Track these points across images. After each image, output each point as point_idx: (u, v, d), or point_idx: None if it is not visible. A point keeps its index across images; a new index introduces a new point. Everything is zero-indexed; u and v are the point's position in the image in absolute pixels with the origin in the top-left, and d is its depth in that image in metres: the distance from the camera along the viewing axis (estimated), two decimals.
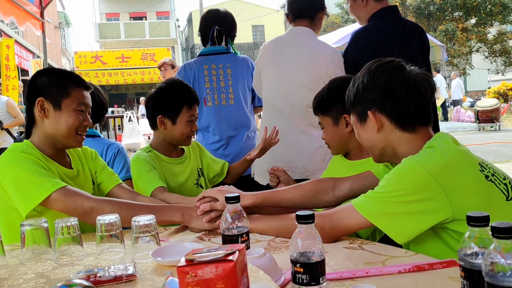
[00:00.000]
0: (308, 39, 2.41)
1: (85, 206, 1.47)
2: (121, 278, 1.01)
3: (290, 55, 2.39)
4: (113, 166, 2.40)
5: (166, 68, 4.86)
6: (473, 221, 0.85)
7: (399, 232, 1.20)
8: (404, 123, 1.31)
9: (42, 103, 1.59)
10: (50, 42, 14.62)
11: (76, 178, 1.71)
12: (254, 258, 1.02)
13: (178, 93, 2.02)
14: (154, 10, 30.88)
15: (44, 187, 1.47)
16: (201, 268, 0.73)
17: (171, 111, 2.00)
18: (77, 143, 1.68)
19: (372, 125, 1.34)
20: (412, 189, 1.18)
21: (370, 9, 2.39)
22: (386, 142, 1.35)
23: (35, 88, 1.62)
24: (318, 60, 2.34)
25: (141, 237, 1.16)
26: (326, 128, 1.78)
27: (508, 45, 21.90)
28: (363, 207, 1.24)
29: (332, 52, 2.39)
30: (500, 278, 0.73)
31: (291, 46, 2.41)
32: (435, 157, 1.21)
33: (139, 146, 3.87)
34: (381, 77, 1.32)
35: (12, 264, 1.17)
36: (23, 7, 4.60)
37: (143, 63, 20.03)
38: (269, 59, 2.47)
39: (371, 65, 1.36)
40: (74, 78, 1.67)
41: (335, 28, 19.44)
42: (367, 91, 1.34)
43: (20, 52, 12.79)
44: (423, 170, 1.17)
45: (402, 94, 1.29)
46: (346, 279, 1.05)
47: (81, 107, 1.64)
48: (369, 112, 1.33)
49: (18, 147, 1.57)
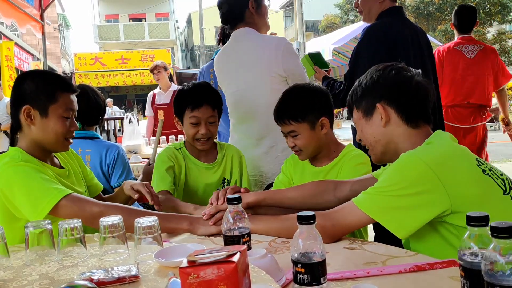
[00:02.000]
0: (246, 38, 2.30)
1: (94, 211, 1.45)
2: (124, 279, 1.02)
3: (235, 60, 2.32)
4: (113, 170, 2.41)
5: (159, 70, 4.88)
6: (473, 221, 0.86)
7: (400, 226, 1.21)
8: (410, 118, 1.35)
9: (28, 111, 1.56)
10: (50, 44, 14.61)
11: (69, 177, 1.71)
12: (255, 259, 1.03)
13: (181, 96, 2.01)
14: (154, 11, 30.88)
15: (52, 194, 1.46)
16: (203, 269, 0.74)
17: (177, 112, 2.01)
18: (64, 148, 1.66)
19: (379, 120, 1.37)
20: (411, 182, 1.20)
21: (384, 6, 2.39)
22: (390, 137, 1.37)
23: (21, 93, 1.58)
24: (261, 55, 2.23)
25: (144, 239, 1.17)
26: (302, 134, 1.77)
27: (508, 45, 21.87)
28: (364, 203, 1.26)
29: (276, 42, 2.23)
30: (499, 277, 0.74)
31: (234, 51, 2.33)
32: (432, 150, 1.25)
33: (139, 148, 3.87)
34: (392, 73, 1.37)
35: (16, 265, 1.18)
36: (23, 10, 4.61)
37: (143, 64, 20.00)
38: (221, 70, 2.44)
39: (378, 66, 1.41)
40: (61, 82, 1.63)
41: (335, 28, 19.44)
42: (377, 85, 1.38)
43: (20, 54, 12.79)
44: (420, 162, 1.20)
45: (411, 89, 1.35)
46: (347, 279, 1.06)
47: (68, 112, 1.61)
48: (378, 104, 1.36)
49: (14, 156, 1.53)
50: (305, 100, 1.78)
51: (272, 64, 2.21)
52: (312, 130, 1.77)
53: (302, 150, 1.81)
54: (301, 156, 1.84)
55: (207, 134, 1.97)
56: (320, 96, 1.81)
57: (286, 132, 1.82)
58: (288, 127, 1.78)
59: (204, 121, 1.96)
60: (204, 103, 1.94)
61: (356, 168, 1.74)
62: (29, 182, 1.47)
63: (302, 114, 1.76)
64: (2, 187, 1.49)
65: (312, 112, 1.77)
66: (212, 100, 1.97)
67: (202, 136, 1.97)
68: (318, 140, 1.80)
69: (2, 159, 1.53)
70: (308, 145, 1.79)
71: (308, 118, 1.76)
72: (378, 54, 2.23)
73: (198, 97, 1.96)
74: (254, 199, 1.55)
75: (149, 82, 19.71)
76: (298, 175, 1.91)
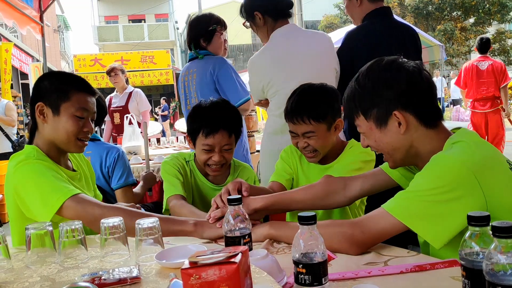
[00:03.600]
0: (298, 33, 2.35)
1: (95, 213, 1.44)
2: (125, 280, 1.02)
3: (292, 56, 2.28)
4: (114, 172, 2.41)
5: (116, 73, 4.91)
6: (474, 221, 0.86)
7: (437, 234, 1.13)
8: (429, 119, 1.25)
9: (41, 108, 1.58)
10: (50, 46, 14.62)
11: (80, 180, 1.71)
12: (257, 260, 1.03)
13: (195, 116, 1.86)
14: (153, 12, 30.89)
15: (61, 192, 1.46)
16: (204, 270, 0.74)
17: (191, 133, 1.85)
18: (78, 149, 1.64)
19: (395, 127, 1.25)
20: (451, 185, 1.11)
21: (364, 9, 2.40)
22: (409, 143, 1.26)
23: (37, 92, 1.61)
24: (323, 48, 2.30)
25: (145, 240, 1.17)
26: (320, 135, 1.72)
27: (507, 44, 21.88)
28: (397, 210, 1.16)
29: (326, 36, 2.38)
30: (501, 277, 0.74)
31: (287, 47, 2.29)
32: (471, 152, 1.14)
33: (139, 149, 3.87)
34: (401, 73, 1.23)
35: (17, 267, 1.18)
36: (22, 11, 4.61)
37: (142, 65, 19.99)
38: (273, 68, 2.31)
39: (378, 63, 1.29)
40: (77, 82, 1.63)
41: (334, 28, 19.44)
42: (389, 91, 1.24)
43: (20, 56, 12.80)
44: (462, 165, 1.11)
45: (424, 87, 1.24)
46: (348, 279, 1.06)
47: (82, 112, 1.59)
48: (395, 112, 1.23)
49: (29, 154, 1.55)
50: (327, 100, 1.73)
51: (331, 59, 2.29)
52: (328, 131, 1.73)
53: (319, 151, 1.75)
54: (314, 158, 1.78)
55: (220, 162, 1.80)
56: (337, 96, 1.77)
57: (301, 133, 1.73)
58: (306, 126, 1.70)
59: (218, 148, 1.78)
60: (219, 129, 1.75)
61: (358, 156, 1.73)
62: (42, 179, 1.48)
63: (323, 114, 1.70)
64: (17, 184, 1.50)
65: (332, 112, 1.73)
66: (229, 125, 1.79)
67: (215, 163, 1.80)
68: (331, 141, 1.77)
69: (18, 157, 1.55)
70: (323, 147, 1.75)
71: (327, 118, 1.72)
72: (358, 57, 2.22)
73: (214, 121, 1.76)
74: (263, 204, 1.46)
75: (149, 83, 19.72)
76: (304, 171, 1.88)
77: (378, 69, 1.27)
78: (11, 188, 1.52)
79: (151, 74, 19.72)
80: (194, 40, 2.86)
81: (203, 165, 1.85)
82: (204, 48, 2.86)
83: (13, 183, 1.51)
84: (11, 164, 1.54)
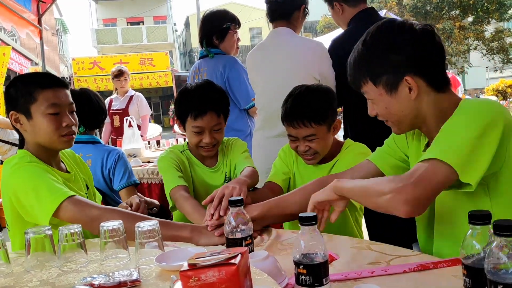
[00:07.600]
0: (286, 38, 2.38)
1: (92, 215, 1.43)
2: (125, 283, 1.01)
3: (273, 58, 2.37)
4: (114, 173, 2.40)
5: (126, 78, 4.94)
6: (475, 219, 0.86)
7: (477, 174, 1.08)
8: (440, 83, 1.21)
9: (15, 116, 1.55)
10: (48, 49, 14.63)
11: (74, 181, 1.70)
12: (257, 261, 1.02)
13: None
14: (151, 14, 30.91)
15: (57, 193, 1.45)
16: (204, 272, 0.74)
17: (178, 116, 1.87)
18: (64, 145, 1.60)
19: (406, 92, 1.20)
20: (488, 123, 1.09)
21: (347, 15, 2.43)
22: (419, 109, 1.22)
23: (7, 101, 1.57)
24: (301, 56, 2.32)
25: (144, 243, 1.16)
26: (321, 138, 1.69)
27: (506, 43, 21.93)
28: (447, 155, 1.08)
29: (315, 45, 2.38)
30: (502, 275, 0.74)
31: (272, 49, 2.40)
32: (496, 102, 1.16)
33: (139, 151, 3.86)
34: (407, 35, 1.19)
35: (17, 272, 1.17)
36: (20, 15, 4.61)
37: (141, 68, 20.01)
38: (255, 67, 2.48)
39: (387, 26, 1.23)
40: (39, 80, 1.56)
41: (333, 29, 19.42)
42: (398, 54, 1.19)
43: (19, 59, 12.80)
44: (494, 105, 1.12)
45: (437, 51, 1.21)
46: (350, 280, 1.05)
47: (53, 108, 1.53)
48: (406, 77, 1.18)
49: (22, 158, 1.54)
50: (326, 101, 1.71)
51: (309, 65, 2.29)
52: (328, 133, 1.71)
53: (319, 153, 1.72)
54: (313, 160, 1.75)
55: (212, 143, 1.82)
56: (334, 97, 1.76)
57: (302, 136, 1.69)
58: (308, 130, 1.66)
59: (208, 130, 1.79)
60: (208, 111, 1.76)
61: (357, 157, 1.69)
62: (39, 180, 1.47)
63: (324, 115, 1.67)
64: (16, 188, 1.49)
65: (331, 113, 1.71)
66: (217, 106, 1.80)
67: (206, 144, 1.82)
68: (330, 142, 1.76)
69: (11, 161, 1.54)
70: (325, 148, 1.73)
71: (328, 120, 1.69)
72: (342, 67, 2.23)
73: (202, 103, 1.77)
74: (259, 212, 1.45)
75: (148, 86, 19.73)
76: (300, 171, 1.87)
77: (387, 32, 1.22)
78: (8, 192, 1.51)
79: (150, 77, 19.74)
80: (207, 36, 2.84)
81: (195, 148, 1.88)
82: (216, 45, 2.83)
83: (11, 187, 1.50)
84: (5, 169, 1.53)
